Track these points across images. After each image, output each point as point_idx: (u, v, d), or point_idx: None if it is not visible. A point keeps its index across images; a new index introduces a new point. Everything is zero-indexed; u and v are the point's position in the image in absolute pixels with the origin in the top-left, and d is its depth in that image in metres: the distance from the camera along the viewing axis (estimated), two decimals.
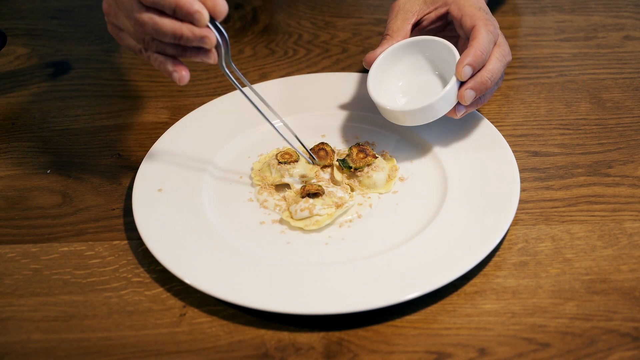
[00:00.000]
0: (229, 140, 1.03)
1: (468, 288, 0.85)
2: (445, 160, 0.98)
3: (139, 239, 0.90)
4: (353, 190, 0.96)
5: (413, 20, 1.00)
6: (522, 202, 0.93)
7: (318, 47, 1.24)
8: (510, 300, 0.83)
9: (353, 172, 0.96)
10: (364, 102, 1.07)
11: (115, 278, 0.88)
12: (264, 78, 1.17)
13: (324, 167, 0.99)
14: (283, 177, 0.96)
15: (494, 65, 0.93)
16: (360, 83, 1.10)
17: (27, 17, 1.35)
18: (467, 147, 0.99)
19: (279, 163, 0.96)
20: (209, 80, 1.17)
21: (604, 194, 0.95)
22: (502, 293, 0.84)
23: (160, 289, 0.86)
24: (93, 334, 0.82)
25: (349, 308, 0.80)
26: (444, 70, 0.99)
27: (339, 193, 0.93)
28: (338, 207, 0.92)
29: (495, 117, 1.07)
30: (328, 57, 1.22)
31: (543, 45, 1.21)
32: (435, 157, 0.99)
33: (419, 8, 1.00)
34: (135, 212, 0.91)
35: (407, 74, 1.01)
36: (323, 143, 1.00)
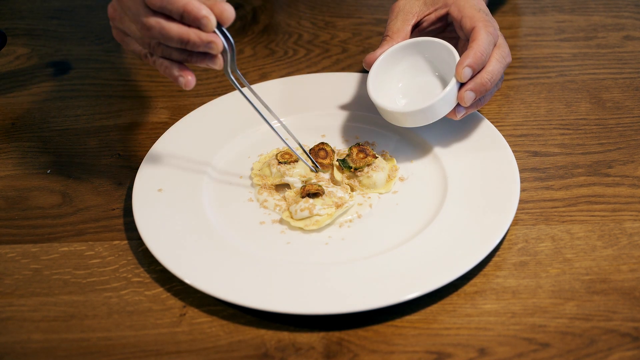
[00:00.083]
0: (229, 140, 1.03)
1: (468, 288, 0.85)
2: (445, 160, 0.98)
3: (139, 239, 0.90)
4: (353, 190, 0.96)
5: (413, 22, 1.00)
6: (522, 202, 0.93)
7: (318, 47, 1.24)
8: (510, 300, 0.83)
9: (353, 172, 0.96)
10: (364, 102, 1.07)
11: (115, 278, 0.88)
12: (264, 78, 1.17)
13: (324, 167, 0.99)
14: (283, 177, 0.96)
15: (494, 67, 0.93)
16: (360, 83, 1.10)
17: (27, 17, 1.35)
18: (467, 147, 0.99)
19: (279, 163, 0.96)
20: (209, 80, 1.17)
21: (604, 194, 0.95)
22: (502, 293, 0.84)
23: (160, 289, 0.86)
24: (93, 334, 0.82)
25: (349, 308, 0.80)
26: (444, 72, 0.99)
27: (339, 193, 0.93)
28: (338, 207, 0.92)
29: (495, 117, 1.07)
30: (328, 57, 1.22)
31: (543, 45, 1.21)
32: (435, 157, 0.99)
33: (419, 9, 1.00)
34: (135, 212, 0.91)
35: (407, 75, 1.01)
36: (323, 143, 1.00)
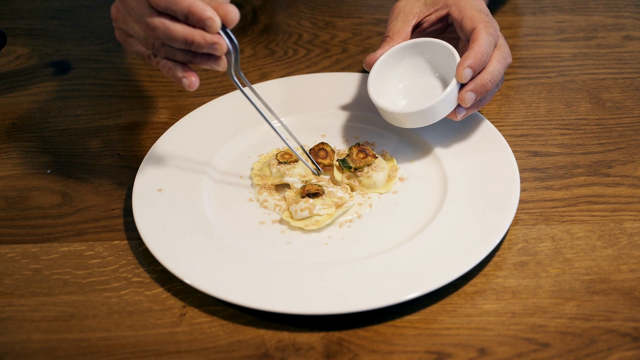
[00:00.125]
0: (229, 140, 1.03)
1: (468, 288, 0.85)
2: (445, 160, 0.98)
3: (139, 239, 0.90)
4: (353, 190, 0.96)
5: (413, 22, 1.00)
6: (522, 202, 0.93)
7: (318, 47, 1.24)
8: (510, 300, 0.83)
9: (353, 172, 0.96)
10: (364, 102, 1.07)
11: (115, 278, 0.88)
12: (264, 78, 1.17)
13: (324, 167, 0.99)
14: (283, 177, 0.96)
15: (495, 68, 0.93)
16: (360, 83, 1.10)
17: (27, 17, 1.35)
18: (467, 147, 0.99)
19: (279, 163, 0.96)
20: (209, 80, 1.17)
21: (604, 194, 0.95)
22: (502, 293, 0.84)
23: (160, 289, 0.86)
24: (93, 334, 0.82)
25: (349, 308, 0.80)
26: (445, 73, 0.99)
27: (339, 193, 0.93)
28: (338, 207, 0.92)
29: (495, 117, 1.07)
30: (328, 57, 1.22)
31: (543, 45, 1.21)
32: (436, 157, 0.99)
33: (420, 10, 1.00)
34: (135, 212, 0.91)
35: (407, 76, 1.01)
36: (323, 143, 1.00)
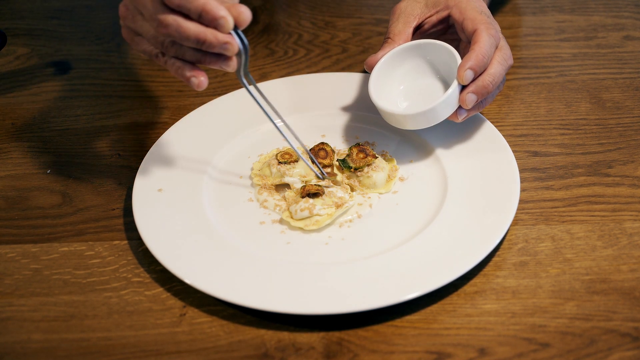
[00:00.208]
0: (229, 140, 1.03)
1: (468, 288, 0.85)
2: (445, 160, 0.98)
3: (139, 239, 0.90)
4: (353, 190, 0.96)
5: (414, 24, 1.00)
6: (522, 202, 0.93)
7: (318, 47, 1.24)
8: (510, 300, 0.83)
9: (353, 172, 0.96)
10: (364, 102, 1.07)
11: (115, 278, 0.88)
12: (264, 78, 1.17)
13: (324, 167, 0.99)
14: (283, 177, 0.96)
15: (496, 69, 0.93)
16: (361, 83, 1.10)
17: (27, 17, 1.35)
18: (467, 147, 0.99)
19: (279, 163, 0.96)
20: (209, 80, 1.17)
21: (604, 194, 0.95)
22: (502, 293, 0.84)
23: (160, 289, 0.86)
24: (93, 334, 0.82)
25: (349, 308, 0.80)
26: (446, 74, 0.99)
27: (339, 193, 0.93)
28: (338, 207, 0.92)
29: (495, 117, 1.07)
30: (328, 57, 1.22)
31: (543, 45, 1.21)
32: (436, 157, 0.99)
33: (421, 11, 1.00)
34: (135, 212, 0.91)
35: (408, 78, 1.00)
36: (323, 143, 1.00)
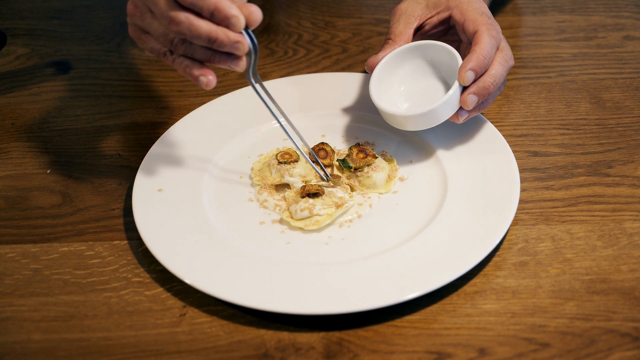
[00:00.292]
0: (229, 140, 1.03)
1: (468, 288, 0.85)
2: (445, 161, 0.97)
3: (139, 239, 0.90)
4: (353, 190, 0.96)
5: (415, 25, 1.00)
6: (522, 202, 0.93)
7: (318, 47, 1.24)
8: (510, 300, 0.83)
9: (353, 172, 0.96)
10: (364, 102, 1.07)
11: (115, 278, 0.88)
12: (264, 78, 1.17)
13: (325, 167, 0.99)
14: (283, 177, 0.96)
15: (497, 70, 0.93)
16: (361, 83, 1.10)
17: (27, 17, 1.35)
18: (467, 147, 0.99)
19: (279, 163, 0.96)
20: None
21: (604, 194, 0.95)
22: (502, 293, 0.84)
23: (160, 289, 0.86)
24: (93, 334, 0.82)
25: (349, 308, 0.80)
26: (447, 75, 0.99)
27: (339, 193, 0.93)
28: (338, 207, 0.92)
29: (495, 117, 1.07)
30: (328, 57, 1.22)
31: (543, 45, 1.21)
32: (436, 157, 0.99)
33: (422, 12, 1.00)
34: (135, 212, 0.91)
35: (409, 79, 1.00)
36: (323, 143, 1.00)
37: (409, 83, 1.00)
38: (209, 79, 0.82)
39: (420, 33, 1.01)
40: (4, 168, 1.03)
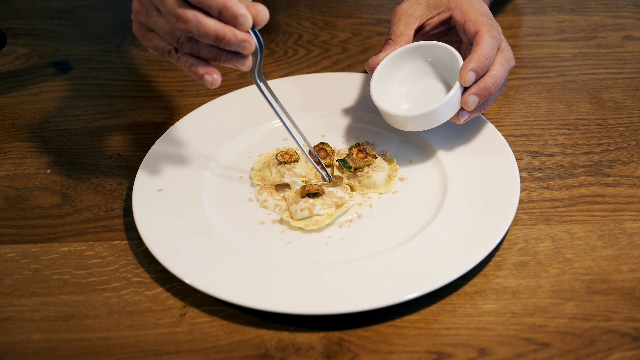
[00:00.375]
0: (229, 140, 1.03)
1: (468, 288, 0.85)
2: (445, 161, 0.97)
3: (139, 239, 0.90)
4: (353, 190, 0.96)
5: (416, 25, 1.00)
6: (522, 202, 0.93)
7: (318, 47, 1.24)
8: (510, 300, 0.83)
9: (353, 172, 0.96)
10: (365, 102, 1.07)
11: (115, 278, 0.88)
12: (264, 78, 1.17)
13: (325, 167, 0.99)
14: (283, 177, 0.96)
15: (498, 71, 0.93)
16: (361, 83, 1.10)
17: (27, 17, 1.35)
18: (467, 147, 0.99)
19: (279, 163, 0.96)
20: None
21: (604, 194, 0.95)
22: (502, 293, 0.84)
23: (160, 289, 0.86)
24: (93, 334, 0.82)
25: (349, 308, 0.80)
26: (447, 76, 0.99)
27: (339, 193, 0.93)
28: (338, 207, 0.92)
29: (495, 117, 1.07)
30: (328, 57, 1.22)
31: (543, 45, 1.21)
32: (436, 157, 0.99)
33: (422, 13, 1.00)
34: (135, 212, 0.91)
35: (410, 79, 1.00)
36: (323, 143, 1.00)
37: (410, 83, 1.00)
38: (214, 78, 0.82)
39: (421, 34, 1.01)
40: (4, 168, 1.03)
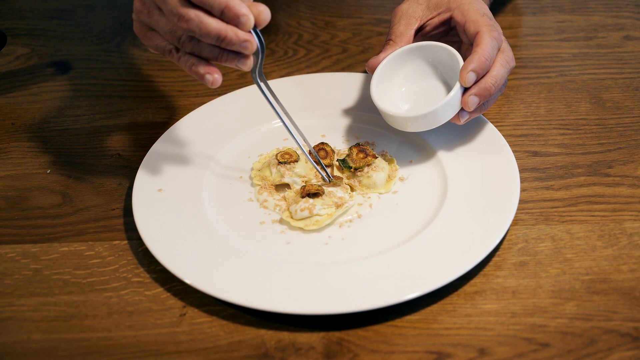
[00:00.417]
0: (229, 140, 1.03)
1: (468, 288, 0.85)
2: (445, 160, 0.97)
3: (139, 239, 0.90)
4: (353, 190, 0.96)
5: (416, 26, 0.99)
6: (522, 202, 0.93)
7: (318, 47, 1.24)
8: (510, 300, 0.83)
9: (353, 172, 0.96)
10: (365, 102, 1.07)
11: (115, 278, 0.88)
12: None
13: (325, 167, 0.99)
14: (283, 177, 0.96)
15: (498, 72, 0.93)
16: (361, 83, 1.10)
17: (27, 17, 1.35)
18: (467, 147, 0.99)
19: (279, 163, 0.96)
20: None
21: (604, 194, 0.95)
22: (502, 293, 0.84)
23: (160, 289, 0.86)
24: (93, 334, 0.82)
25: (349, 308, 0.80)
26: (448, 76, 0.99)
27: (339, 193, 0.93)
28: (338, 207, 0.92)
29: (495, 117, 1.07)
30: (328, 57, 1.22)
31: (543, 45, 1.21)
32: (436, 157, 0.99)
33: (422, 13, 1.00)
34: (135, 212, 0.91)
35: (410, 80, 1.00)
36: (323, 143, 1.00)
37: (410, 84, 1.00)
38: (215, 77, 0.82)
39: (421, 34, 1.01)
40: (4, 168, 1.03)
